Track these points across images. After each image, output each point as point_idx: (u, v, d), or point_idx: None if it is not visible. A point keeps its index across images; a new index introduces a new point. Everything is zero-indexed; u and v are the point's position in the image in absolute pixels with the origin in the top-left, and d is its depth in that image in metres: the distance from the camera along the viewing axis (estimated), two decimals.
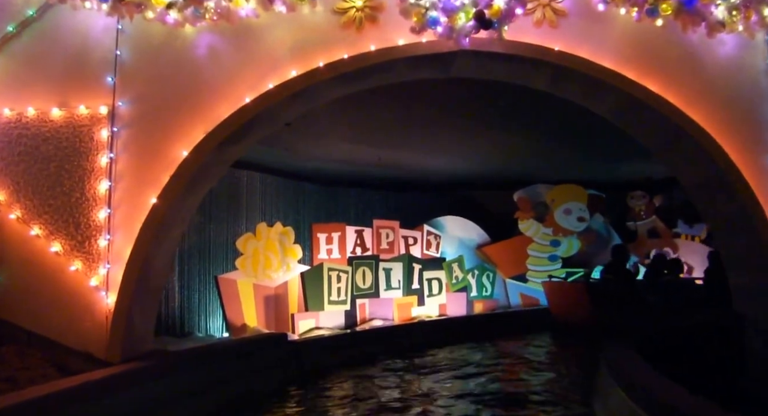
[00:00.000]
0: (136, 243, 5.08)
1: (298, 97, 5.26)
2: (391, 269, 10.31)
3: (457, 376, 7.15)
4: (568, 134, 9.95)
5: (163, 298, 8.85)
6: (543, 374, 7.31)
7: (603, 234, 13.58)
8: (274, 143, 9.29)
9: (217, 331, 9.53)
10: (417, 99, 7.99)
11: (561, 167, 12.48)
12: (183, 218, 5.58)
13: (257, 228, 9.38)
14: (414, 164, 11.38)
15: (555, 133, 9.88)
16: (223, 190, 9.96)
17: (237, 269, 9.10)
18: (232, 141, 5.25)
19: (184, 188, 5.13)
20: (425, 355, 8.54)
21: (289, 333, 8.63)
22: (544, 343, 9.90)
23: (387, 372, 7.26)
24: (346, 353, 7.77)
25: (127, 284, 5.06)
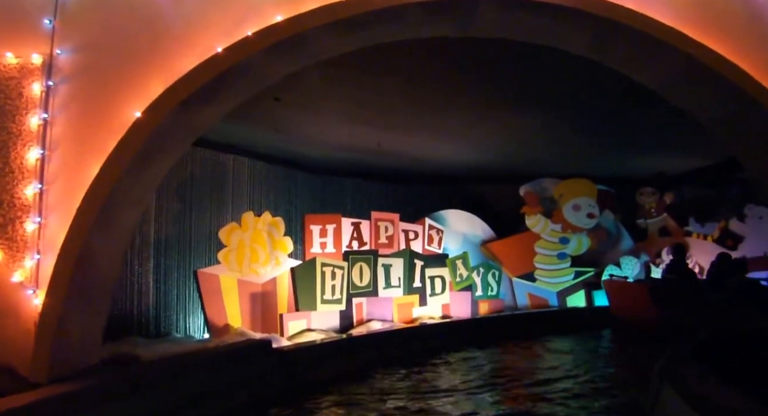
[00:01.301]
0: (73, 228, 4.05)
1: (284, 48, 4.28)
2: (390, 265, 9.41)
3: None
4: (582, 120, 9.27)
5: (136, 295, 7.92)
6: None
7: (612, 232, 12.89)
8: (263, 122, 8.36)
9: (197, 331, 8.60)
10: (423, 78, 7.15)
11: (570, 158, 11.82)
12: (138, 199, 4.53)
13: (243, 218, 8.44)
14: (416, 152, 10.49)
15: (567, 118, 9.16)
16: (206, 175, 9.04)
17: (219, 262, 8.16)
18: (199, 100, 4.26)
19: (137, 159, 4.13)
20: (436, 366, 7.55)
21: (276, 335, 7.70)
22: (564, 347, 8.99)
23: (389, 393, 5.84)
24: (341, 363, 6.75)
25: (59, 280, 4.01)
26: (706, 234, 13.13)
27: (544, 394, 5.64)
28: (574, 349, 8.94)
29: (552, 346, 9.08)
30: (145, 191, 4.62)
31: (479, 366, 7.47)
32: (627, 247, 12.83)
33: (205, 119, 4.62)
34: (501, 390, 6.01)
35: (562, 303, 11.99)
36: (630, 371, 7.08)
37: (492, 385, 6.19)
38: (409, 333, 8.43)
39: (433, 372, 7.05)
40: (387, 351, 7.65)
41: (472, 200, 12.74)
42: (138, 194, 4.47)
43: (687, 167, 12.60)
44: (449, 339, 8.85)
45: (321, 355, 6.45)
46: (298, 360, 5.95)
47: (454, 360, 7.83)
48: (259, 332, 8.26)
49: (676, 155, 11.84)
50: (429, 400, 5.45)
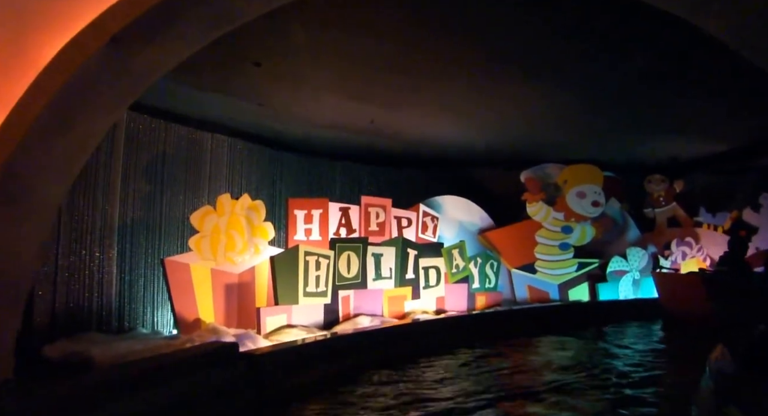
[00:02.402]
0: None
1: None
2: (381, 254, 8.62)
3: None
4: (590, 99, 8.55)
5: (96, 285, 7.10)
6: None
7: (618, 221, 12.19)
8: (244, 93, 7.51)
9: (167, 326, 7.82)
10: (420, 47, 6.34)
11: (575, 142, 11.05)
12: (57, 170, 3.62)
13: (218, 201, 7.61)
14: (411, 131, 9.66)
15: (575, 97, 8.44)
16: (180, 154, 8.23)
17: (191, 250, 7.35)
18: (137, 38, 3.32)
19: (53, 114, 3.21)
20: (434, 369, 6.78)
21: (252, 332, 6.91)
22: (572, 346, 8.25)
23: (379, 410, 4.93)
24: (322, 368, 5.94)
25: None
26: (717, 225, 12.50)
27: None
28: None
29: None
30: (69, 160, 3.71)
31: (485, 372, 6.71)
32: (633, 238, 12.15)
33: (147, 65, 3.67)
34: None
35: (564, 296, 11.29)
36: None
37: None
38: (401, 330, 7.64)
39: (432, 381, 6.28)
40: (376, 352, 6.86)
41: (470, 186, 11.99)
42: (58, 164, 3.56)
43: (702, 152, 11.82)
44: (448, 337, 8.07)
45: (298, 360, 5.63)
46: (270, 367, 5.14)
47: (454, 363, 7.08)
48: (234, 328, 7.49)
49: (691, 139, 11.13)
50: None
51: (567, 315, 10.30)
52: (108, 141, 7.27)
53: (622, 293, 11.43)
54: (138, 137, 7.66)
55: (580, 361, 7.02)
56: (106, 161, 7.27)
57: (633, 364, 6.80)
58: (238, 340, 6.45)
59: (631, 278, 11.53)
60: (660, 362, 7.16)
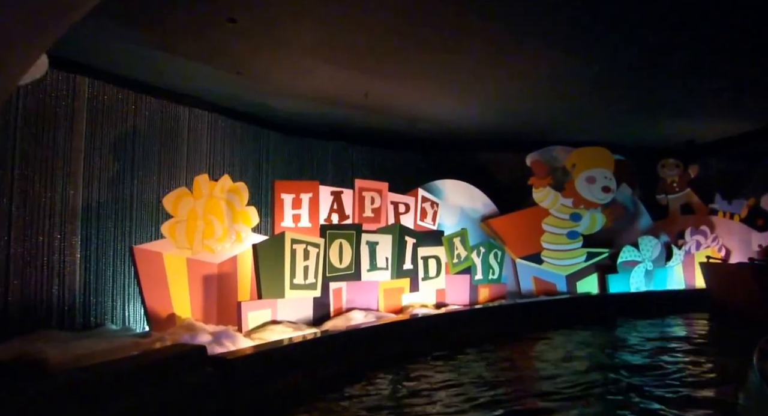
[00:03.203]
0: None
1: None
2: (376, 243, 7.85)
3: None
4: (602, 75, 7.82)
5: (56, 276, 6.32)
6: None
7: (630, 209, 11.44)
8: (220, 59, 6.66)
9: (140, 321, 7.05)
10: (424, 10, 5.52)
11: (585, 123, 10.29)
12: None
13: (195, 182, 6.80)
14: (410, 108, 8.84)
15: (586, 73, 7.70)
16: (153, 130, 7.44)
17: (164, 237, 6.55)
18: None
19: None
20: (440, 371, 6.04)
21: (231, 330, 6.14)
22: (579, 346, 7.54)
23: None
24: (306, 374, 5.16)
25: None
26: (733, 213, 11.81)
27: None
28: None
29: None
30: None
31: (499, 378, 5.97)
32: (645, 226, 11.42)
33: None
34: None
35: (572, 288, 10.57)
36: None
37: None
38: (399, 327, 6.86)
39: (437, 388, 5.52)
40: (370, 352, 6.10)
41: (473, 170, 11.26)
42: None
43: (719, 135, 11.06)
44: (457, 334, 7.33)
45: (278, 363, 4.85)
46: (243, 372, 4.36)
47: (462, 363, 6.33)
48: (213, 324, 6.72)
49: (708, 121, 10.38)
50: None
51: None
52: (67, 113, 6.46)
53: (634, 285, 10.72)
54: (103, 110, 6.84)
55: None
56: (66, 136, 6.46)
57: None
58: (215, 339, 5.71)
59: (643, 268, 10.82)
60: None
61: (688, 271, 11.41)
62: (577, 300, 9.94)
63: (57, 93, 6.41)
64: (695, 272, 11.38)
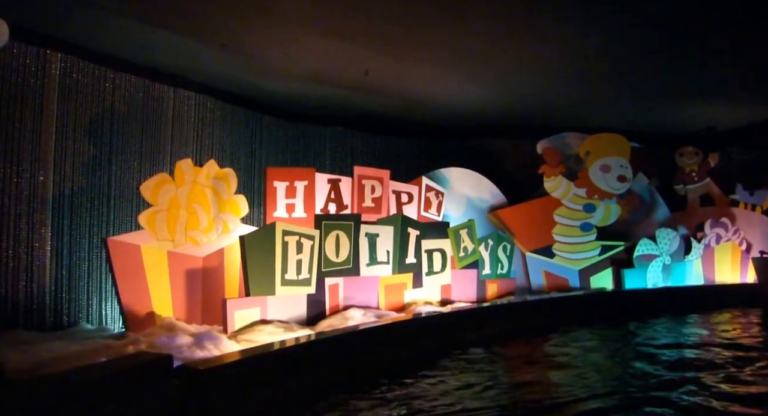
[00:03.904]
0: None
1: None
2: (377, 235, 7.24)
3: None
4: (617, 55, 7.27)
5: (24, 272, 5.75)
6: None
7: (646, 199, 10.81)
8: (201, 30, 6.02)
9: (118, 320, 6.45)
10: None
11: (599, 107, 9.75)
12: None
13: (177, 167, 6.22)
14: (413, 88, 8.21)
15: (599, 53, 7.14)
16: (134, 111, 6.86)
17: (142, 228, 5.96)
18: None
19: None
20: (442, 380, 5.39)
21: (214, 331, 5.54)
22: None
23: None
24: (291, 384, 4.53)
25: None
26: (755, 205, 11.18)
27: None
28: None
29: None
30: None
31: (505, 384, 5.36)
32: (663, 217, 10.79)
33: None
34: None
35: (585, 284, 9.98)
36: None
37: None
38: (404, 326, 6.25)
39: (439, 394, 4.91)
40: (370, 357, 5.50)
41: (480, 157, 10.72)
42: None
43: (741, 121, 10.44)
44: (456, 333, 6.73)
45: (263, 372, 4.24)
46: (219, 386, 3.75)
47: (464, 367, 5.73)
48: (197, 323, 6.18)
49: (730, 106, 9.80)
50: None
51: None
52: (36, 92, 5.86)
53: (651, 280, 10.11)
54: (77, 88, 6.23)
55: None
56: (34, 117, 5.85)
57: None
58: (196, 341, 5.12)
59: (660, 263, 10.21)
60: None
61: (708, 266, 10.79)
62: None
63: (24, 69, 5.81)
64: (715, 267, 10.78)
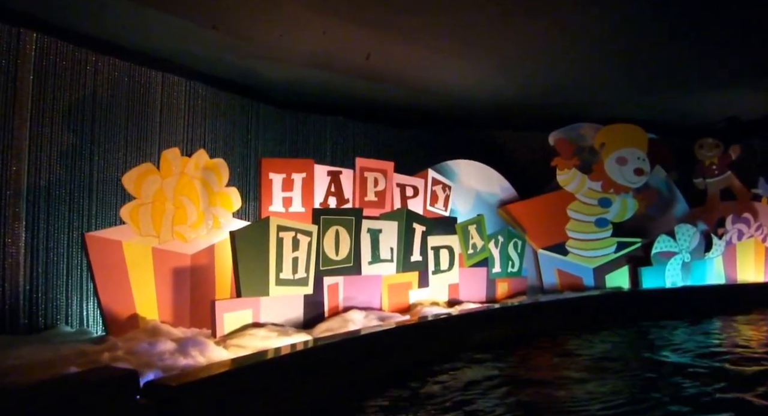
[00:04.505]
0: None
1: None
2: (379, 231, 6.74)
3: None
4: (633, 41, 6.90)
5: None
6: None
7: (664, 193, 10.28)
8: (196, 11, 5.53)
9: (99, 322, 5.97)
10: None
11: (615, 96, 9.27)
12: None
13: (163, 157, 5.73)
14: (418, 75, 7.73)
15: (615, 38, 6.76)
16: (119, 97, 6.39)
17: (124, 223, 5.49)
18: None
19: None
20: (454, 386, 4.90)
21: (200, 335, 5.07)
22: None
23: None
24: (274, 400, 4.03)
25: None
26: None
27: None
28: None
29: None
30: None
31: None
32: (681, 213, 10.26)
33: None
34: None
35: (600, 283, 9.50)
36: None
37: None
38: (410, 331, 5.75)
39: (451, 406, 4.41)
40: (377, 367, 5.00)
41: (490, 149, 10.24)
42: None
43: (765, 110, 9.90)
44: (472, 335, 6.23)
45: (249, 386, 3.74)
46: (192, 406, 3.25)
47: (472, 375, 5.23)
48: (185, 327, 5.70)
49: (753, 96, 9.32)
50: None
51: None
52: (8, 74, 5.38)
53: (670, 279, 9.58)
54: (55, 72, 5.75)
55: None
56: (6, 101, 5.38)
57: None
58: (179, 347, 4.65)
59: (680, 260, 9.68)
60: None
61: (729, 263, 10.26)
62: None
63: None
64: (737, 265, 10.26)
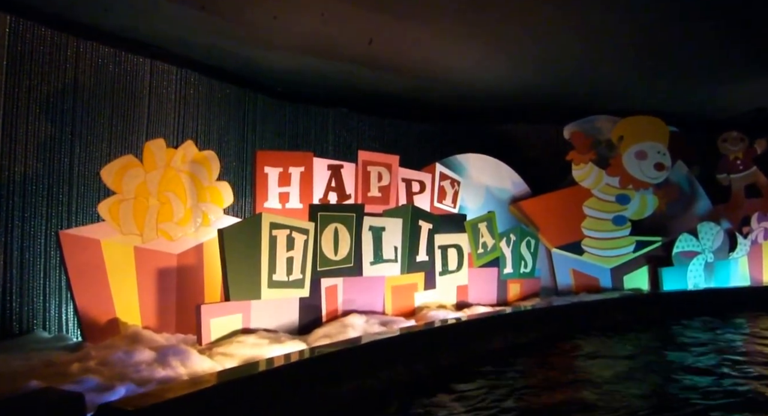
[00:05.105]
0: None
1: None
2: (383, 228, 6.28)
3: None
4: (652, 26, 6.50)
5: None
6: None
7: (686, 190, 9.79)
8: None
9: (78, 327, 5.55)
10: None
11: (633, 86, 8.81)
12: None
13: (146, 148, 5.30)
14: (424, 63, 7.28)
15: (633, 24, 6.38)
16: (103, 86, 6.00)
17: (103, 220, 5.06)
18: None
19: None
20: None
21: (183, 343, 4.63)
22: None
23: None
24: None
25: None
26: None
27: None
28: None
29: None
30: None
31: None
32: (704, 210, 9.75)
33: None
34: None
35: (618, 284, 9.06)
36: None
37: None
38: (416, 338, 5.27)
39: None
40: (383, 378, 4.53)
41: (501, 142, 9.82)
42: None
43: None
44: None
45: (225, 407, 3.27)
46: None
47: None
48: (170, 332, 5.27)
49: None
50: None
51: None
52: None
53: (692, 280, 9.06)
54: (31, 57, 5.34)
55: None
56: None
57: None
58: (159, 356, 4.21)
59: (702, 261, 9.17)
60: None
61: (755, 264, 9.72)
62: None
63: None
64: (763, 266, 9.72)
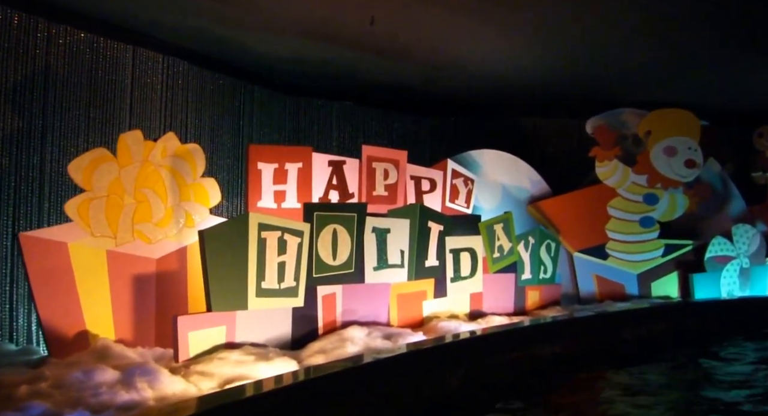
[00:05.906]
0: None
1: None
2: (387, 230, 5.71)
3: None
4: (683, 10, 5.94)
5: None
6: None
7: (719, 189, 9.28)
8: None
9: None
10: None
11: (661, 77, 8.26)
12: None
13: (120, 141, 4.78)
14: (433, 49, 6.78)
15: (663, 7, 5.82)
16: (79, 74, 5.54)
17: (71, 221, 4.55)
18: None
19: None
20: None
21: (159, 358, 4.07)
22: None
23: None
24: None
25: None
26: None
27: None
28: None
29: None
30: None
31: None
32: (738, 211, 9.21)
33: None
34: None
35: (645, 291, 8.53)
36: None
37: None
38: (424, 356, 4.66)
39: None
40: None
41: (518, 137, 9.37)
42: None
43: None
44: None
45: None
46: None
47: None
48: (148, 346, 4.74)
49: None
50: None
51: None
52: None
53: (725, 287, 8.48)
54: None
55: None
56: None
57: None
58: (124, 377, 3.65)
59: (737, 266, 8.63)
60: None
61: None
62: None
63: None
64: None
